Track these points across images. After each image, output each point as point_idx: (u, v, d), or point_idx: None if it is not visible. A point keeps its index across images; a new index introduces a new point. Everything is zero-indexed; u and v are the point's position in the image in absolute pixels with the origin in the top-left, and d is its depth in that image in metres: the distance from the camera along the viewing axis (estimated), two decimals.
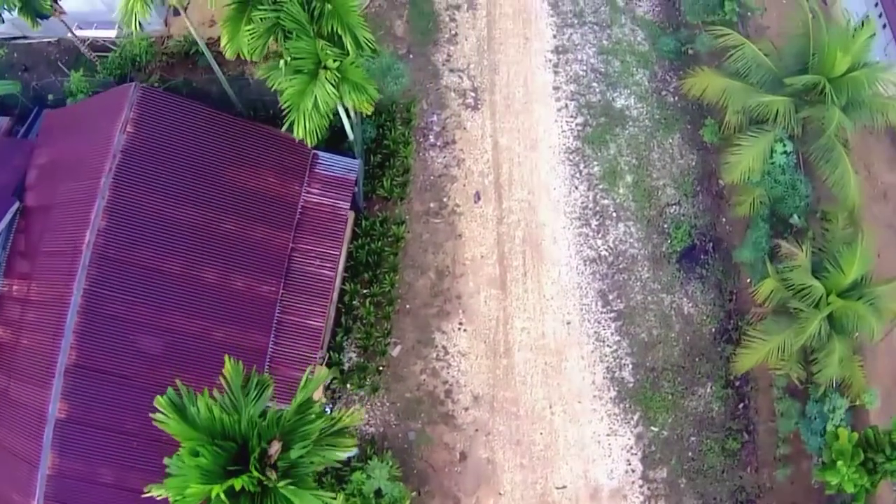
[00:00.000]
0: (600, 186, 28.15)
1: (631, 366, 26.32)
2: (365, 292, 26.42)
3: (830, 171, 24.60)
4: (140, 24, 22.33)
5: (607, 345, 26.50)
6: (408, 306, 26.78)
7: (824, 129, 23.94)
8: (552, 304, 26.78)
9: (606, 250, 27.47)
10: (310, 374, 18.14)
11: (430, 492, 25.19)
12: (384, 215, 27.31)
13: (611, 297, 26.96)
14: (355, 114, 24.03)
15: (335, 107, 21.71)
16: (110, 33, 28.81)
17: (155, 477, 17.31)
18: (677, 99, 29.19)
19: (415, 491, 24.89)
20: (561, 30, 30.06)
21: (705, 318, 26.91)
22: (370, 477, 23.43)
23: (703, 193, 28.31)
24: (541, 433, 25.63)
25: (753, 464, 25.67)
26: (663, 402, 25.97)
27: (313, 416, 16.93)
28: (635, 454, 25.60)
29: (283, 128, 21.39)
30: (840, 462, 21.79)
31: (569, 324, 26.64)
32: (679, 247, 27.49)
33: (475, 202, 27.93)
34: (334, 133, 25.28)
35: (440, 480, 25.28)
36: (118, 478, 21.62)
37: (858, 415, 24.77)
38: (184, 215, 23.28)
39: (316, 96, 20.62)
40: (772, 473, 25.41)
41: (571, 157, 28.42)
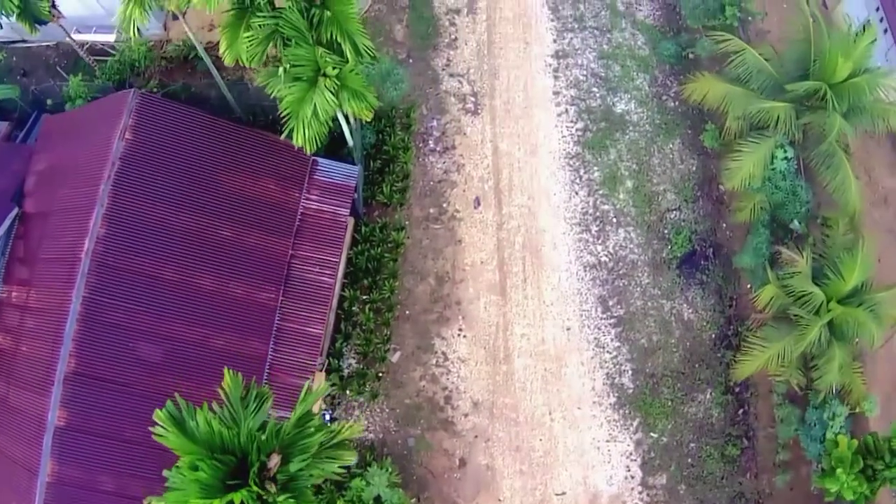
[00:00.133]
0: (600, 192, 28.09)
1: (631, 372, 26.30)
2: (364, 298, 26.38)
3: (831, 177, 24.55)
4: (139, 30, 22.28)
5: (607, 351, 26.48)
6: (407, 312, 26.76)
7: (825, 136, 23.90)
8: (552, 310, 26.75)
9: (606, 256, 27.42)
10: (309, 385, 18.11)
11: (430, 498, 25.19)
12: (384, 221, 27.26)
13: (611, 303, 26.93)
14: (355, 120, 23.98)
15: (334, 114, 21.66)
16: (109, 37, 28.70)
17: (155, 484, 17.32)
18: (678, 104, 29.12)
19: (414, 497, 24.91)
20: (561, 34, 29.97)
21: (705, 324, 26.89)
22: (370, 483, 23.44)
23: (703, 199, 28.25)
24: (540, 439, 25.62)
25: (753, 470, 25.67)
26: (663, 408, 25.96)
27: (312, 428, 16.91)
28: (635, 460, 25.59)
29: (283, 135, 21.34)
30: (839, 469, 21.73)
31: (569, 330, 26.61)
32: (679, 252, 27.45)
33: (475, 208, 27.87)
34: (334, 139, 25.19)
35: (440, 487, 25.27)
36: (118, 485, 21.60)
37: (858, 421, 24.78)
38: (183, 222, 23.23)
39: (315, 104, 20.56)
40: (771, 479, 25.42)
41: (571, 163, 28.36)
